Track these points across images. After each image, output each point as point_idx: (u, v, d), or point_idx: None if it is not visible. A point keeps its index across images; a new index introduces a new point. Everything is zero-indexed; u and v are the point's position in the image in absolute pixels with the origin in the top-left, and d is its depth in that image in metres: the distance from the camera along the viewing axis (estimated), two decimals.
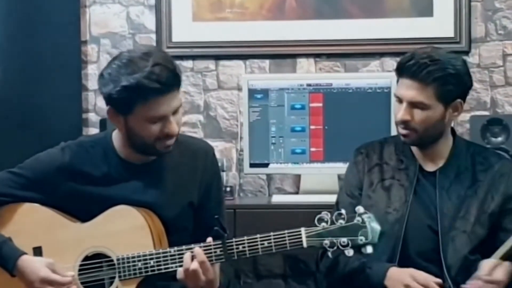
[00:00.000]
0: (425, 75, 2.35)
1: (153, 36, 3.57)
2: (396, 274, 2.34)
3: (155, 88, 2.20)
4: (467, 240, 2.39)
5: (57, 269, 2.28)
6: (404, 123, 2.41)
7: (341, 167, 3.21)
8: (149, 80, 2.19)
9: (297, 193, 3.39)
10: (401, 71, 2.41)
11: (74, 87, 3.53)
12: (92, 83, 3.61)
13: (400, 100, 2.41)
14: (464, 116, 3.36)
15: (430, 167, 2.49)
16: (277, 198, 3.24)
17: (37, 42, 3.35)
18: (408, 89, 2.38)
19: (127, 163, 2.37)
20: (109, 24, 3.61)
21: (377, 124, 3.20)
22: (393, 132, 3.17)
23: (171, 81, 2.23)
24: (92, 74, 3.61)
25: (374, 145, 2.59)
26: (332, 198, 3.02)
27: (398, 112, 2.42)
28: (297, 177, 3.41)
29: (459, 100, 2.43)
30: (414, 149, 2.52)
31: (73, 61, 3.53)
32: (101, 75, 2.28)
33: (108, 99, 2.27)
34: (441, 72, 2.36)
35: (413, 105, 2.38)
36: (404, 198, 2.45)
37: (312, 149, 3.25)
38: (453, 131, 2.53)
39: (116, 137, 2.39)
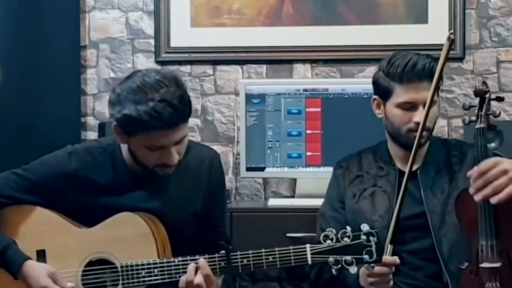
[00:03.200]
0: (432, 73, 2.39)
1: (152, 41, 3.60)
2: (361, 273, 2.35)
3: (155, 124, 2.18)
4: (459, 232, 2.38)
5: (58, 279, 2.27)
6: (423, 126, 2.40)
7: None
8: (150, 116, 2.16)
9: (292, 196, 3.42)
10: (406, 76, 2.44)
11: (73, 91, 3.56)
12: (91, 87, 3.65)
13: (411, 106, 2.45)
14: (458, 122, 3.40)
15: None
16: (273, 202, 3.26)
17: (37, 47, 3.38)
18: (421, 91, 2.42)
19: (133, 172, 2.37)
20: (108, 29, 3.64)
21: (372, 129, 3.20)
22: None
23: (173, 119, 2.19)
24: (91, 78, 3.65)
25: (353, 158, 2.65)
26: None
27: (411, 119, 2.44)
28: (293, 181, 3.44)
29: None
30: (392, 153, 2.57)
31: (73, 66, 3.56)
32: (113, 90, 2.26)
33: (113, 119, 2.26)
34: (437, 65, 2.42)
35: (425, 105, 2.40)
36: (388, 203, 2.49)
37: (308, 154, 3.28)
38: None
39: (124, 145, 2.36)
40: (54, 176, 2.36)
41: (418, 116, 2.43)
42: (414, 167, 2.48)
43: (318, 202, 3.11)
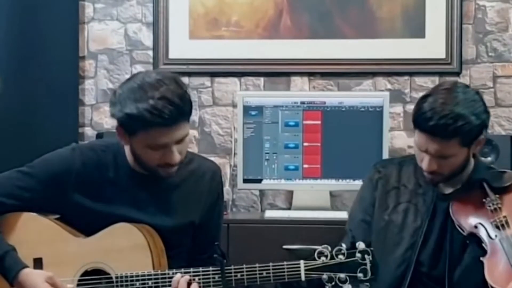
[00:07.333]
0: (448, 133, 2.28)
1: (150, 52, 3.62)
2: None
3: (156, 121, 2.19)
4: (476, 267, 2.30)
5: (57, 282, 2.26)
6: (431, 173, 2.37)
7: (333, 184, 3.27)
8: (150, 114, 2.18)
9: (289, 209, 3.41)
10: (419, 126, 2.34)
11: (71, 101, 3.57)
12: (89, 98, 3.66)
13: (422, 149, 2.37)
14: None
15: (447, 190, 2.46)
16: (269, 214, 3.27)
17: (36, 57, 3.38)
18: (430, 143, 2.32)
19: (135, 172, 2.37)
20: (107, 40, 3.65)
21: (369, 143, 3.25)
22: (385, 151, 3.23)
23: (173, 116, 2.20)
24: (89, 89, 3.66)
25: (393, 165, 2.56)
26: (323, 214, 3.09)
27: (422, 161, 2.37)
28: (289, 193, 3.44)
29: (482, 136, 2.38)
30: None
31: (71, 76, 3.57)
32: (114, 92, 2.28)
33: (115, 118, 2.28)
34: (467, 127, 2.29)
35: (437, 156, 2.34)
36: (420, 223, 2.42)
37: (305, 166, 3.29)
38: (474, 155, 2.48)
39: (126, 146, 2.37)
40: (57, 172, 2.35)
41: (425, 164, 2.36)
42: (450, 190, 2.45)
43: (315, 214, 3.14)
